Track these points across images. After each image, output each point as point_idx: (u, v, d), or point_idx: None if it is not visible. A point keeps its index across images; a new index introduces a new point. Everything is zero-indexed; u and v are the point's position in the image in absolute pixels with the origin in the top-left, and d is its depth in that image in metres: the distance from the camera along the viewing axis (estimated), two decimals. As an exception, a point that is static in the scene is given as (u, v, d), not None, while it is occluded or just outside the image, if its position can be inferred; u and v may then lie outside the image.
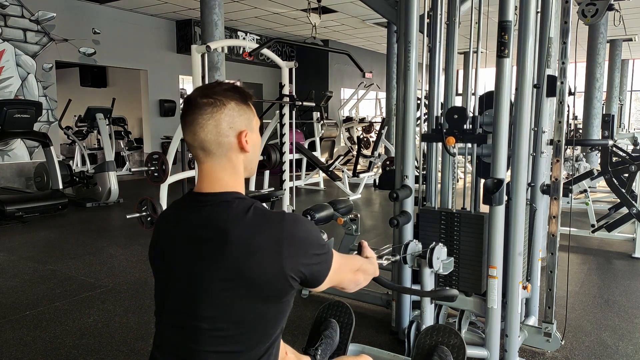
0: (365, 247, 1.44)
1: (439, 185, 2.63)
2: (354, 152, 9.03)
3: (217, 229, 1.05)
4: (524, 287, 2.44)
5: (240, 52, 10.38)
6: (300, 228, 1.08)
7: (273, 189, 6.18)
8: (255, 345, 1.07)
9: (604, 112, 10.24)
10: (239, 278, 1.02)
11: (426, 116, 2.62)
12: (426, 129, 2.60)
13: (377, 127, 9.37)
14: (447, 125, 2.27)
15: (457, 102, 2.60)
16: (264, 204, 5.30)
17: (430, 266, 2.01)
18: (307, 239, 1.08)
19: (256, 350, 1.07)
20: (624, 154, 5.23)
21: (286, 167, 6.04)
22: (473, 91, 2.42)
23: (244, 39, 11.02)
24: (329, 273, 1.13)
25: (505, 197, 2.17)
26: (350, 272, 1.25)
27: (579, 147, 8.73)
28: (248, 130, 1.11)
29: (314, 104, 7.72)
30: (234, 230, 1.04)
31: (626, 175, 4.89)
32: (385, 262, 1.61)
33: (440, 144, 2.59)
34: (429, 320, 2.23)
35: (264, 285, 1.03)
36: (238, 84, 1.18)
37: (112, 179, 6.71)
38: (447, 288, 2.06)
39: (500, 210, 2.15)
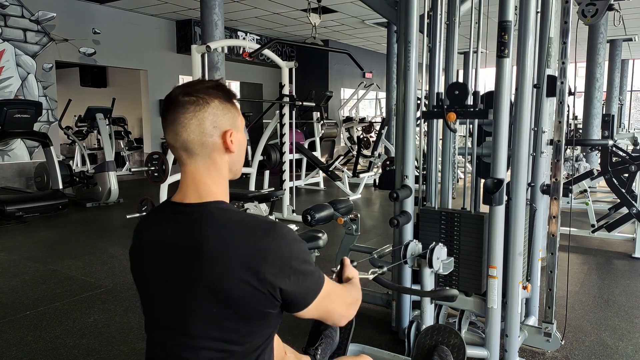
0: (347, 266, 1.32)
1: (439, 185, 2.63)
2: (354, 152, 9.03)
3: (194, 244, 0.99)
4: (524, 287, 2.44)
5: (240, 52, 10.38)
6: (285, 244, 0.99)
7: (273, 189, 6.18)
8: (247, 354, 1.04)
9: (604, 112, 10.26)
10: (220, 297, 0.97)
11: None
12: (426, 128, 2.60)
13: (377, 127, 9.37)
14: (448, 101, 2.24)
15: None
16: (264, 204, 5.27)
17: (430, 266, 2.01)
18: (290, 256, 0.99)
19: (249, 357, 1.04)
20: (624, 154, 5.23)
21: (286, 167, 6.05)
22: (473, 91, 2.42)
23: (244, 39, 11.02)
24: (315, 299, 1.04)
25: (505, 197, 2.17)
26: (344, 304, 1.13)
27: (579, 147, 8.73)
28: (233, 129, 1.05)
29: (314, 104, 7.72)
30: (213, 247, 0.98)
31: (626, 175, 4.89)
32: (371, 277, 1.52)
33: (440, 144, 2.59)
34: (429, 320, 2.23)
35: (245, 306, 0.98)
36: (223, 81, 1.12)
37: (112, 179, 6.71)
38: (447, 288, 2.06)
39: (500, 210, 2.15)
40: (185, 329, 1.02)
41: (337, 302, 1.11)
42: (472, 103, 2.20)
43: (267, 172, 7.03)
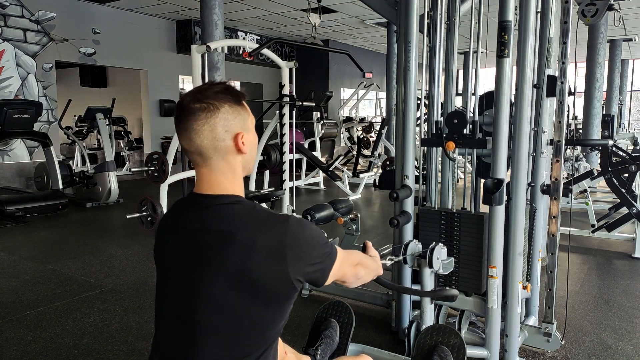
0: (369, 247, 1.46)
1: (439, 185, 2.63)
2: (354, 152, 9.03)
3: (219, 231, 1.04)
4: (524, 287, 2.44)
5: (240, 52, 10.38)
6: (304, 230, 1.07)
7: (273, 189, 6.18)
8: (253, 348, 1.06)
9: (604, 112, 10.25)
10: (241, 281, 1.01)
11: (426, 116, 2.62)
12: (426, 129, 2.60)
13: (377, 127, 9.37)
14: (447, 129, 2.26)
15: (457, 102, 2.59)
16: (264, 204, 5.31)
17: (430, 266, 2.01)
18: (310, 241, 1.07)
19: (255, 354, 1.06)
20: (624, 154, 5.23)
21: (286, 167, 6.04)
22: (473, 91, 2.42)
23: (244, 39, 11.02)
24: (332, 269, 1.14)
25: (505, 197, 2.17)
26: (351, 266, 1.25)
27: (579, 147, 8.73)
28: (244, 131, 1.10)
29: (314, 104, 7.72)
30: (236, 232, 1.02)
31: (626, 175, 4.89)
32: (388, 263, 1.61)
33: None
34: (429, 320, 2.23)
35: (267, 288, 1.03)
36: (231, 83, 1.14)
37: (112, 179, 6.71)
38: (447, 288, 2.06)
39: (500, 210, 2.15)
40: (192, 316, 1.05)
41: (345, 265, 1.21)
42: (470, 131, 2.23)
43: (267, 172, 7.03)
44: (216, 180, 1.09)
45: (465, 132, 2.23)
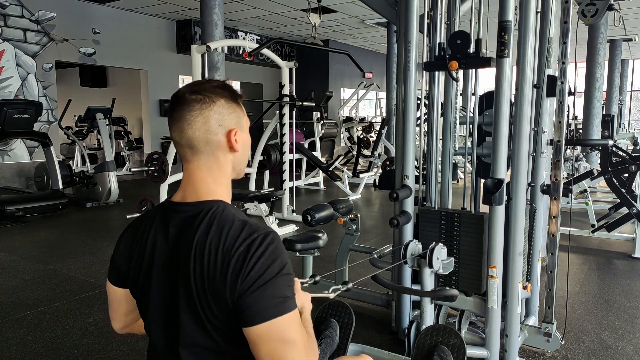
0: (296, 290, 1.10)
1: (439, 185, 2.63)
2: (354, 152, 9.03)
3: (185, 242, 1.00)
4: (524, 287, 2.44)
5: (240, 52, 10.38)
6: (267, 257, 0.95)
7: (273, 189, 6.18)
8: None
9: (604, 112, 10.25)
10: (204, 295, 0.96)
11: (426, 116, 2.62)
12: (426, 129, 2.60)
13: (377, 127, 9.37)
14: (450, 51, 2.22)
15: (458, 102, 2.59)
16: (264, 204, 5.25)
17: (430, 266, 2.01)
18: (266, 269, 0.94)
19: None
20: (624, 154, 5.23)
21: (286, 167, 6.05)
22: (473, 91, 2.42)
23: (244, 39, 11.02)
24: (269, 321, 0.92)
25: (505, 197, 2.17)
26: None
27: (579, 147, 8.73)
28: (238, 128, 1.06)
29: (314, 104, 7.72)
30: (198, 243, 0.98)
31: (626, 175, 4.89)
32: (332, 295, 1.48)
33: (440, 144, 2.59)
34: (429, 320, 2.23)
35: (219, 312, 0.96)
36: (229, 82, 1.12)
37: (112, 179, 6.71)
38: (447, 288, 2.06)
39: (500, 210, 2.15)
40: (176, 329, 1.02)
41: (297, 355, 0.94)
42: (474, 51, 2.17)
43: (267, 172, 7.03)
44: (201, 179, 1.05)
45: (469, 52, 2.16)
